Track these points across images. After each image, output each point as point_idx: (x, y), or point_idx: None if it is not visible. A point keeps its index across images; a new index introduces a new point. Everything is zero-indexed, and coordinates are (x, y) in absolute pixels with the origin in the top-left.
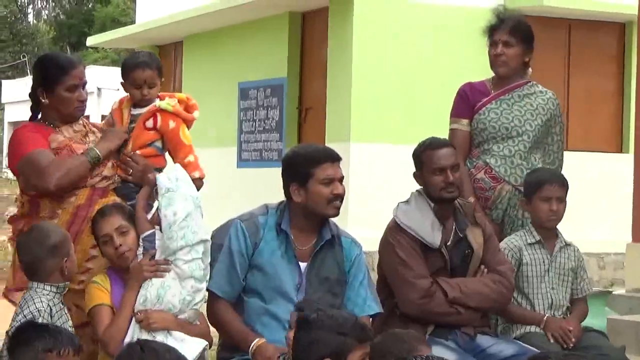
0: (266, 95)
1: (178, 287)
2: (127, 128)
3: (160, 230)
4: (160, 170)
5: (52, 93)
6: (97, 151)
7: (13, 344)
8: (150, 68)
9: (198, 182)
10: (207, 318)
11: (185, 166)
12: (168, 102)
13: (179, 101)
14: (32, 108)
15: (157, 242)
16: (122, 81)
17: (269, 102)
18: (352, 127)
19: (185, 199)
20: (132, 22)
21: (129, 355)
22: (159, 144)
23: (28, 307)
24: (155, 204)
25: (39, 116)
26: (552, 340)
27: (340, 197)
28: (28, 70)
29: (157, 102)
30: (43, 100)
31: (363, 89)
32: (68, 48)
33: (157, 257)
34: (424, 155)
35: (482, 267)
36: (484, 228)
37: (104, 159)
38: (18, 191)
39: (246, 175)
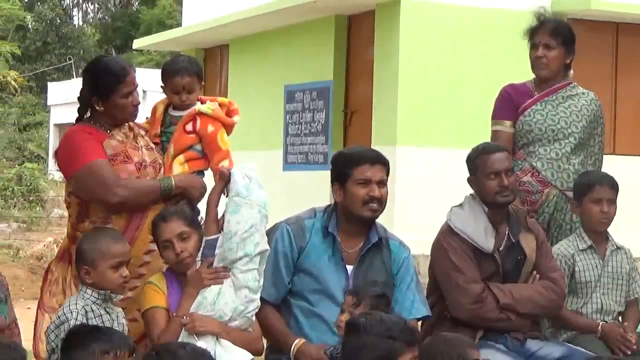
0: (312, 98)
1: (232, 296)
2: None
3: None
4: (201, 173)
5: (107, 101)
6: (173, 183)
7: (68, 346)
8: (189, 75)
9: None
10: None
11: (215, 171)
12: (208, 107)
13: (220, 105)
14: (79, 110)
15: (217, 249)
16: (162, 85)
17: (315, 105)
18: (398, 130)
19: (251, 207)
20: (178, 24)
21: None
22: (199, 147)
23: (63, 308)
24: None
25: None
26: (610, 350)
27: (376, 200)
28: (74, 73)
29: (197, 106)
30: (98, 108)
31: (409, 91)
32: (113, 51)
33: (215, 263)
34: (478, 160)
35: (534, 273)
36: (537, 234)
37: (174, 194)
38: (64, 193)
39: (292, 178)
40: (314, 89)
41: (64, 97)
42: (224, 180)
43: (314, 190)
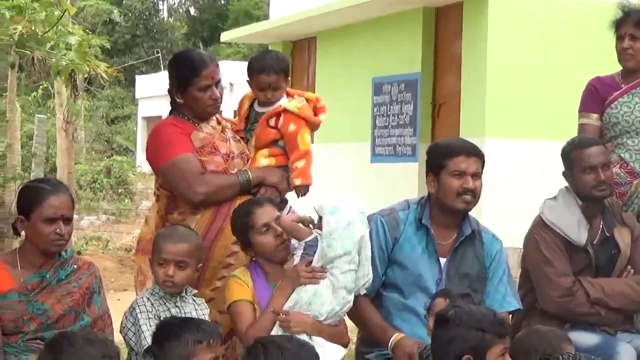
0: (400, 90)
1: (329, 297)
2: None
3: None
4: (285, 168)
5: (185, 93)
6: (250, 175)
7: (160, 337)
8: (275, 72)
9: (302, 189)
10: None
11: (292, 170)
12: (295, 104)
13: (308, 100)
14: (171, 104)
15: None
16: (248, 80)
17: (403, 97)
18: (487, 122)
19: (348, 207)
20: (265, 16)
21: (252, 354)
22: (282, 143)
23: (135, 300)
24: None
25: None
26: None
27: (470, 192)
28: (162, 66)
29: (285, 103)
30: (178, 100)
31: (498, 83)
32: (201, 43)
33: (314, 263)
34: (574, 154)
35: (629, 267)
36: (633, 228)
37: (253, 186)
38: (153, 185)
39: (379, 170)
40: (402, 81)
41: (151, 90)
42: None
43: (402, 182)
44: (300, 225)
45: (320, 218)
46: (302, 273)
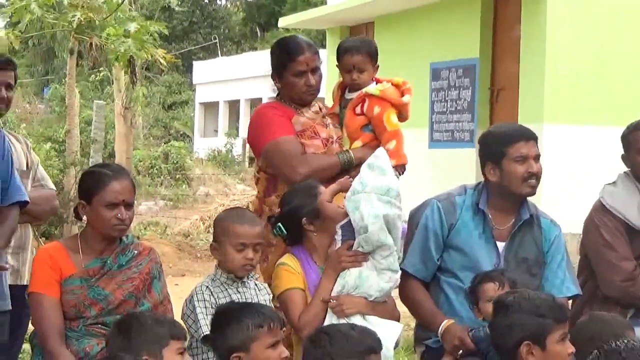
0: (458, 76)
1: (376, 279)
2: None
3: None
4: None
5: (282, 78)
6: (352, 155)
7: (220, 323)
8: (359, 53)
9: (399, 169)
10: (399, 295)
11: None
12: (377, 88)
13: (395, 85)
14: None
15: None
16: (337, 64)
17: (461, 83)
18: (546, 107)
19: (369, 198)
20: (323, 1)
21: (317, 343)
22: (370, 127)
23: (196, 286)
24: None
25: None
26: None
27: (535, 176)
28: (219, 52)
29: (366, 88)
30: (276, 85)
31: (557, 69)
32: (258, 29)
33: (355, 247)
34: (632, 137)
35: None
36: None
37: (355, 166)
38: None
39: (437, 156)
40: (460, 66)
41: (209, 76)
42: (340, 188)
43: (460, 167)
44: (336, 208)
45: None
46: (343, 257)
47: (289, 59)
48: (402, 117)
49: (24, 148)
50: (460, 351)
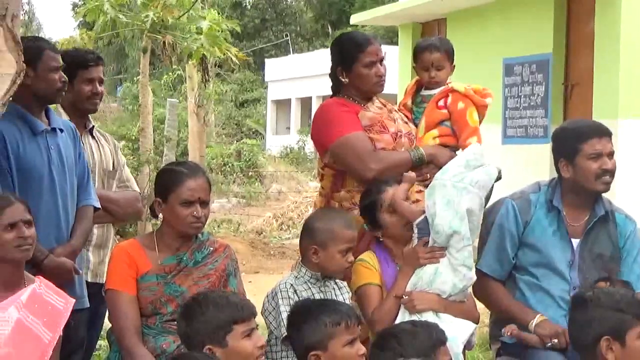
0: (531, 71)
1: (450, 275)
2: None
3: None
4: (451, 148)
5: (350, 71)
6: (423, 152)
7: (297, 320)
8: (438, 51)
9: None
10: (474, 295)
11: (464, 147)
12: (463, 85)
13: (475, 91)
14: (332, 88)
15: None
16: (414, 64)
17: (534, 78)
18: (620, 103)
19: (443, 185)
20: None
21: (385, 345)
22: (449, 123)
23: (279, 283)
24: None
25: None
26: None
27: (609, 172)
28: (291, 49)
29: (452, 83)
30: (343, 80)
31: (631, 63)
32: (329, 26)
33: (430, 243)
34: None
35: None
36: None
37: (427, 162)
38: (317, 166)
39: (511, 152)
40: (533, 62)
41: (281, 73)
42: (408, 183)
43: (533, 163)
44: (410, 206)
45: None
46: (420, 254)
47: (359, 50)
48: (479, 119)
49: (112, 148)
50: (549, 344)
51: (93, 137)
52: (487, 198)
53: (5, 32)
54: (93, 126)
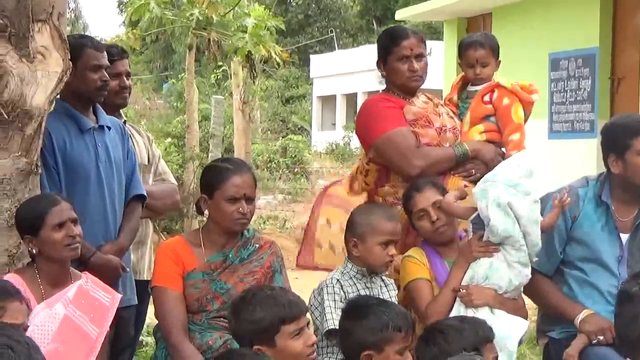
0: (577, 66)
1: (506, 270)
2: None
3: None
4: (495, 144)
5: (386, 64)
6: (467, 147)
7: (356, 316)
8: (482, 47)
9: None
10: (522, 292)
11: (507, 143)
12: (509, 81)
13: (521, 87)
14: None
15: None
16: (459, 61)
17: (581, 73)
18: None
19: (496, 186)
20: None
21: (431, 341)
22: (494, 119)
23: (326, 279)
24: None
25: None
26: None
27: None
28: (335, 45)
29: (498, 78)
30: (381, 72)
31: None
32: (374, 22)
33: (485, 238)
34: None
35: None
36: None
37: (472, 158)
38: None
39: (557, 147)
40: (579, 56)
41: (326, 69)
42: (460, 197)
43: (580, 158)
44: (460, 205)
45: None
46: (474, 247)
47: (393, 44)
48: (525, 115)
49: (146, 142)
50: (596, 340)
51: None
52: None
53: (51, 30)
54: (125, 121)
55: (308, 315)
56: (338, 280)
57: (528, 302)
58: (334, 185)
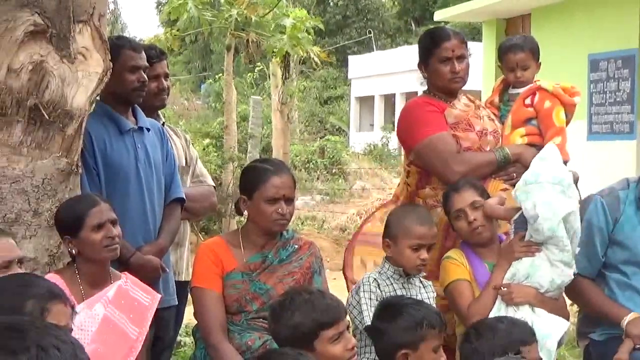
0: (617, 67)
1: (548, 269)
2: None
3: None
4: (537, 147)
5: (428, 65)
6: (508, 152)
7: (391, 315)
8: (522, 51)
9: None
10: (564, 293)
11: None
12: (551, 84)
13: (563, 89)
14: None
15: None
16: (499, 64)
17: (620, 74)
18: None
19: (542, 188)
20: None
21: (467, 339)
22: (536, 122)
23: (362, 277)
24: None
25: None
26: None
27: None
28: (374, 46)
29: (540, 81)
30: (423, 74)
31: None
32: (412, 23)
33: (527, 238)
34: None
35: None
36: None
37: (513, 162)
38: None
39: (596, 148)
40: (619, 57)
41: (364, 70)
42: (499, 204)
43: (619, 160)
44: (502, 206)
45: None
46: (515, 247)
47: (434, 45)
48: (566, 118)
49: (183, 143)
50: (639, 345)
51: None
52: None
53: (92, 31)
54: (163, 122)
55: (348, 317)
56: (375, 279)
57: (567, 302)
58: (366, 224)
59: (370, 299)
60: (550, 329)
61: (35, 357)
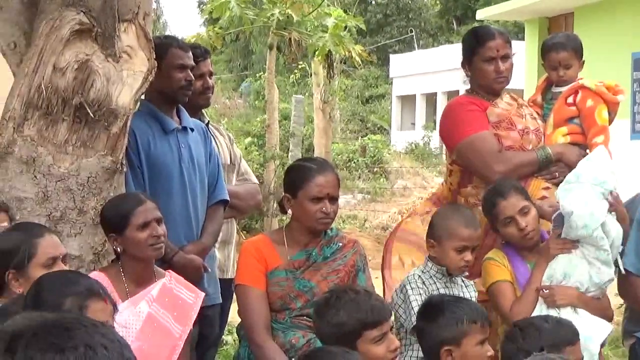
0: None
1: (585, 267)
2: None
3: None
4: (579, 146)
5: (471, 65)
6: (550, 151)
7: (432, 313)
8: (565, 49)
9: None
10: (618, 293)
11: (591, 146)
12: (593, 82)
13: (607, 88)
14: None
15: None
16: (542, 62)
17: None
18: None
19: (582, 187)
20: None
21: (510, 338)
22: (578, 120)
23: (407, 275)
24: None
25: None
26: None
27: None
28: (415, 45)
29: (582, 80)
30: (467, 73)
31: None
32: (454, 22)
33: (563, 235)
34: None
35: None
36: None
37: (555, 162)
38: (445, 160)
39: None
40: None
41: (406, 69)
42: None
43: None
44: (542, 207)
45: None
46: (552, 244)
47: (478, 44)
48: (610, 117)
49: (227, 142)
50: None
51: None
52: None
53: (137, 30)
54: (208, 121)
55: (392, 319)
56: (420, 276)
57: (612, 301)
58: (407, 218)
59: (420, 294)
60: (593, 332)
61: (83, 356)
